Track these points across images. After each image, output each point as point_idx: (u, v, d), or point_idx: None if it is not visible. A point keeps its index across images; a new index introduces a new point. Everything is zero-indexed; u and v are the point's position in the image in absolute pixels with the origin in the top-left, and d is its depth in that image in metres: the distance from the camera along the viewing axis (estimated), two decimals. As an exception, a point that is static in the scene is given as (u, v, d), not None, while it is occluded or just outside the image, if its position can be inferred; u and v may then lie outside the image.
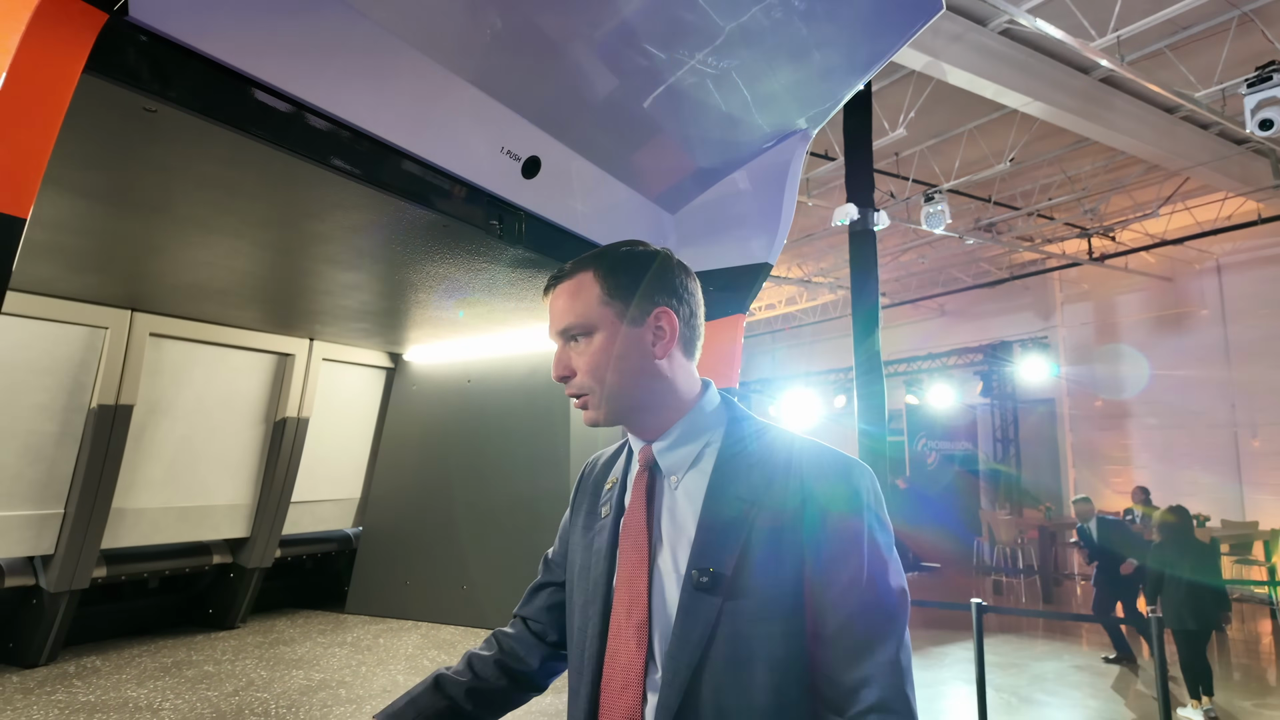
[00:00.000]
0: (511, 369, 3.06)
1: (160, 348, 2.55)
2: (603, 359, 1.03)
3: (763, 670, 0.92)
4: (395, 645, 2.70)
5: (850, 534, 0.94)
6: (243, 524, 2.96)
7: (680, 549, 0.99)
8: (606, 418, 1.05)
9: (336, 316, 2.60)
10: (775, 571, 0.93)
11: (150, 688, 2.18)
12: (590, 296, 1.04)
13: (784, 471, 0.98)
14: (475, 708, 1.15)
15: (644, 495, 1.04)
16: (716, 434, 1.04)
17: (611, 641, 1.00)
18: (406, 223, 1.58)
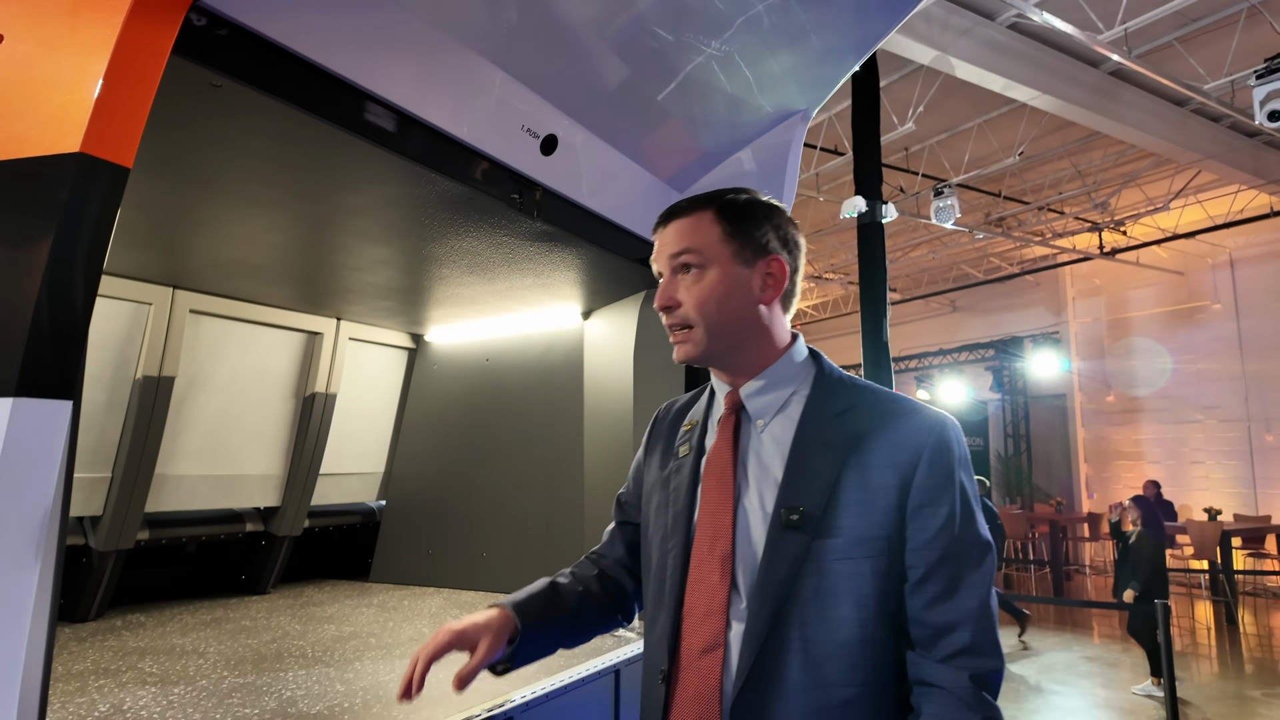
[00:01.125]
0: (528, 347, 3.20)
1: (199, 324, 2.72)
2: (711, 295, 1.06)
3: (848, 605, 0.95)
4: (419, 606, 2.85)
5: (941, 482, 0.98)
6: (274, 493, 3.13)
7: (766, 489, 1.03)
8: (701, 354, 1.09)
9: (364, 295, 2.76)
10: (864, 515, 0.97)
11: (193, 637, 2.34)
12: (710, 232, 1.08)
13: (874, 421, 1.02)
14: (582, 617, 1.22)
15: (730, 436, 1.08)
16: (805, 383, 1.09)
17: (694, 572, 1.03)
18: (435, 195, 1.73)
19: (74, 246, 0.87)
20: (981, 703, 0.92)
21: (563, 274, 2.41)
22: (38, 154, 0.87)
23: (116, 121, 0.88)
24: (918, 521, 0.98)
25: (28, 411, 0.84)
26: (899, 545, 0.97)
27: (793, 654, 0.95)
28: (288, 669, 1.95)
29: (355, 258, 2.25)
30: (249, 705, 1.64)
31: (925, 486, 0.98)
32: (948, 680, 0.93)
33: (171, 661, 2.03)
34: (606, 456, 2.79)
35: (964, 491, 0.99)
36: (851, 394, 1.07)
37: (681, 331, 1.09)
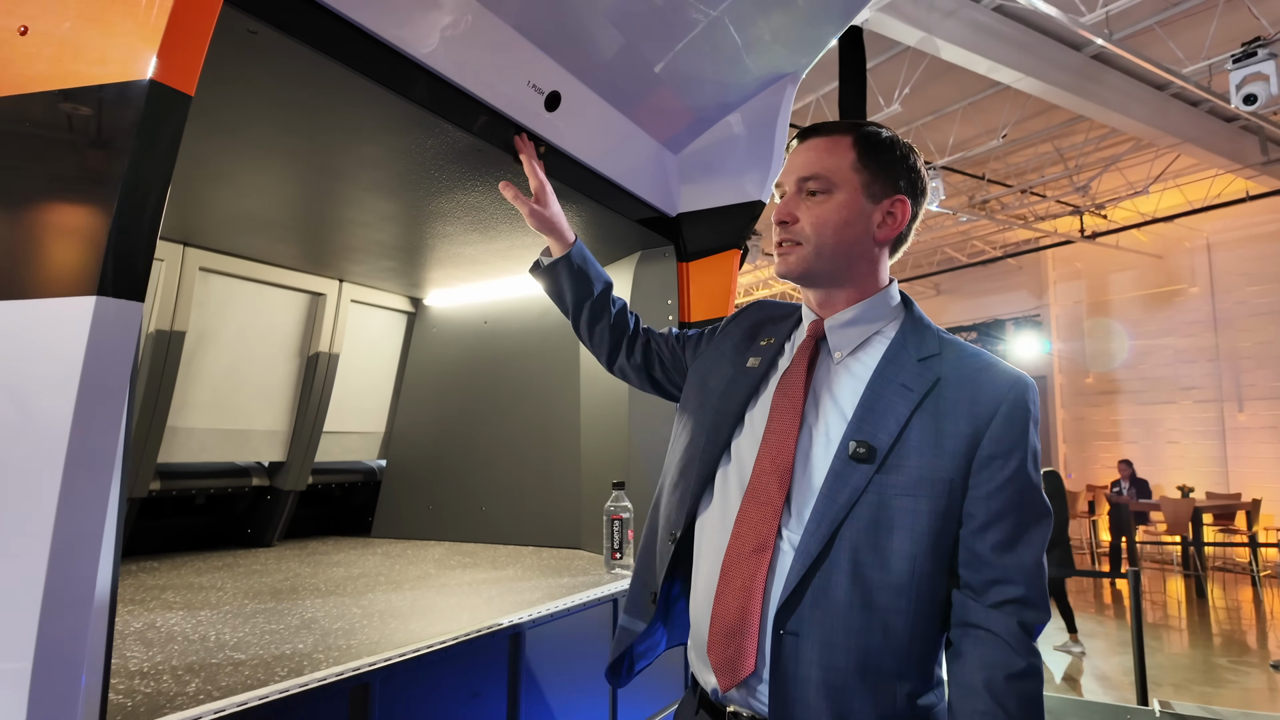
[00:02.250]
0: (526, 310, 3.31)
1: (208, 282, 2.81)
2: (830, 219, 1.09)
3: (902, 539, 0.99)
4: (421, 554, 2.97)
5: (1015, 437, 1.01)
6: (279, 449, 3.23)
7: (833, 420, 1.06)
8: (803, 271, 1.13)
9: (368, 254, 2.85)
10: (932, 457, 1.00)
11: (209, 577, 2.45)
12: (844, 158, 1.11)
13: (956, 371, 1.05)
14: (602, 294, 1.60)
15: (806, 362, 1.12)
16: (892, 325, 1.12)
17: (754, 478, 1.08)
18: (445, 146, 1.83)
19: (146, 164, 0.98)
20: (1029, 649, 0.98)
21: (562, 232, 2.52)
22: (113, 80, 0.97)
23: (181, 53, 0.98)
24: (986, 471, 1.01)
25: (109, 310, 0.95)
26: (960, 491, 1.01)
27: (842, 574, 1.00)
28: (304, 599, 2.07)
29: (364, 212, 2.35)
30: (273, 623, 1.76)
31: (998, 438, 1.01)
32: (998, 625, 0.99)
33: (192, 594, 2.14)
34: (602, 413, 2.91)
35: (1034, 452, 1.03)
36: (937, 342, 1.11)
37: (790, 245, 1.12)
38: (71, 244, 0.97)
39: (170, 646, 1.55)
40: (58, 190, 1.00)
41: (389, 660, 1.43)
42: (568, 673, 1.93)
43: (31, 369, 0.95)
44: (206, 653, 1.50)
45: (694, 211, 2.56)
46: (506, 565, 2.63)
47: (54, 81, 0.99)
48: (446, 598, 2.07)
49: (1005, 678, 0.97)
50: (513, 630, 1.74)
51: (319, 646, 1.54)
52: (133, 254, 0.99)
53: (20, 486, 0.93)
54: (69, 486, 0.91)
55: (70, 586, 0.91)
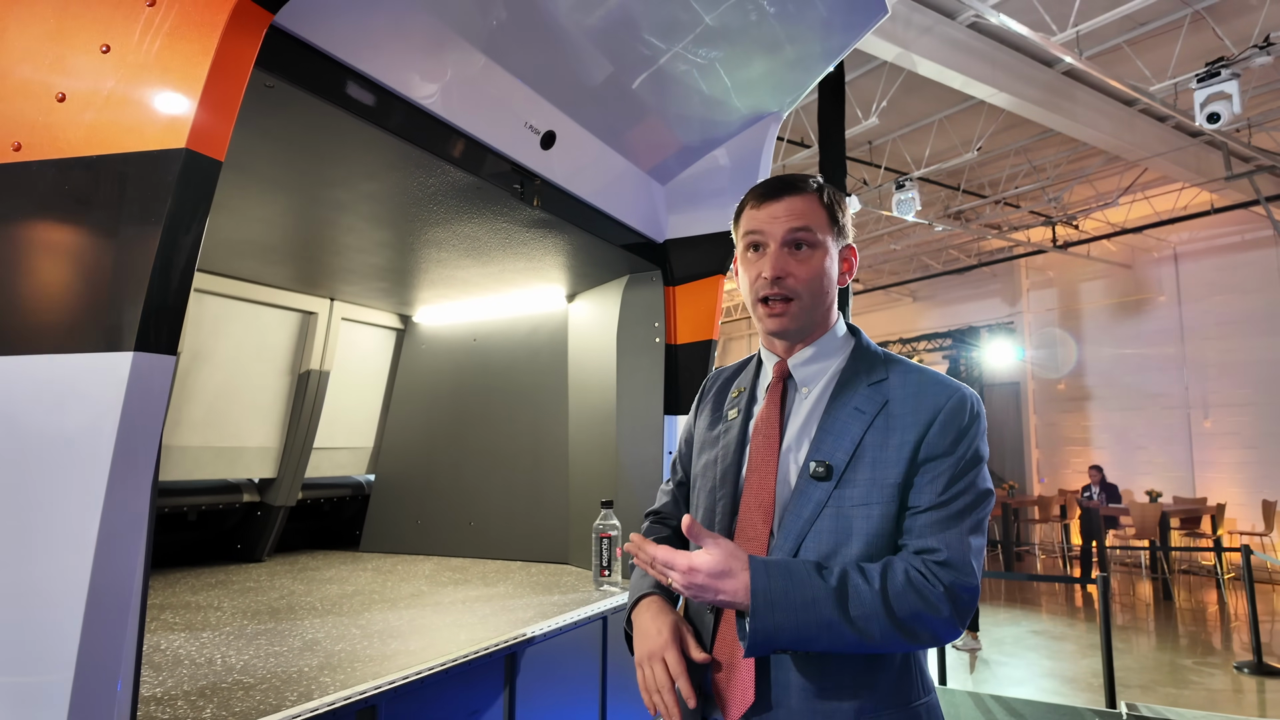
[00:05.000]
0: (515, 328, 3.38)
1: (202, 302, 2.85)
2: (818, 273, 1.19)
3: (859, 544, 1.10)
4: (412, 569, 3.03)
5: (952, 438, 1.11)
6: (270, 465, 3.27)
7: (805, 446, 1.17)
8: (797, 326, 1.21)
9: (361, 275, 2.91)
10: (882, 470, 1.11)
11: (204, 595, 2.49)
12: (820, 216, 1.20)
13: (900, 389, 1.16)
14: None
15: (778, 401, 1.22)
16: (844, 354, 1.23)
17: (741, 519, 1.18)
18: (446, 184, 1.91)
19: (180, 226, 1.04)
20: (936, 591, 1.05)
21: (553, 258, 2.60)
22: (150, 149, 1.04)
23: (214, 122, 1.06)
24: (926, 468, 1.12)
25: (144, 364, 1.02)
26: (905, 491, 1.11)
27: None
28: (303, 619, 2.13)
29: (361, 239, 2.41)
30: (277, 644, 1.82)
31: (936, 441, 1.11)
32: (913, 561, 1.08)
33: (191, 614, 2.19)
34: (590, 429, 2.99)
35: (973, 449, 1.13)
36: (884, 367, 1.21)
37: (782, 304, 1.20)
38: (109, 302, 1.03)
39: (179, 670, 1.60)
40: (95, 252, 1.06)
41: (393, 683, 1.49)
42: (561, 689, 2.00)
43: (74, 420, 1.01)
44: (215, 676, 1.55)
45: (680, 238, 2.65)
46: (497, 582, 2.70)
47: (92, 148, 1.06)
48: (442, 616, 2.13)
49: (892, 582, 1.06)
50: (508, 650, 1.81)
51: (325, 668, 1.60)
52: (168, 310, 1.05)
53: (63, 523, 1.00)
54: (108, 523, 0.98)
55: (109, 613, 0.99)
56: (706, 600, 1.07)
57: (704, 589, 1.05)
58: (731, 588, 1.04)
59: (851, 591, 1.04)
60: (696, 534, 1.09)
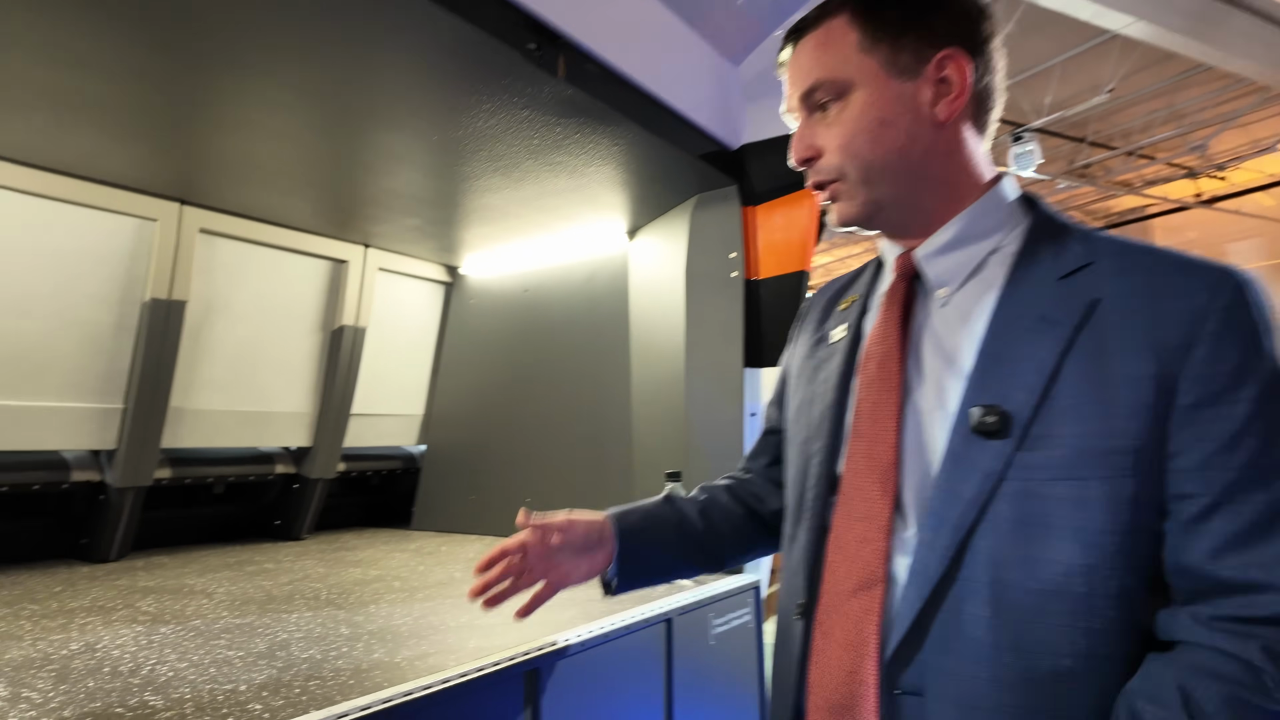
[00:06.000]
0: (569, 275, 2.91)
1: (212, 246, 2.51)
2: (860, 128, 0.80)
3: (1068, 545, 0.67)
4: (457, 552, 2.63)
5: (1236, 366, 0.66)
6: (305, 433, 2.94)
7: (949, 382, 0.77)
8: (863, 211, 0.83)
9: (387, 209, 2.50)
10: (1099, 419, 0.68)
11: (209, 578, 2.15)
12: (845, 45, 0.81)
13: (1120, 284, 0.72)
14: (708, 528, 1.06)
15: (898, 312, 0.82)
16: (1012, 236, 0.80)
17: (845, 486, 0.80)
18: (444, 48, 1.43)
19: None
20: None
21: (599, 170, 2.09)
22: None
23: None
24: (1195, 427, 0.66)
25: None
26: (1157, 463, 0.67)
27: (979, 603, 0.69)
28: (293, 611, 1.73)
29: (374, 151, 1.99)
30: (235, 648, 1.41)
31: (1207, 375, 0.66)
32: (1231, 644, 0.62)
33: (174, 601, 1.83)
34: (655, 389, 2.48)
35: (1272, 384, 0.65)
36: (1084, 247, 0.75)
37: (831, 187, 0.83)
38: None
39: (84, 683, 1.21)
40: None
41: (340, 717, 1.04)
42: (606, 714, 1.52)
43: None
44: (118, 696, 1.15)
45: (762, 141, 2.09)
46: (544, 569, 2.24)
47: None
48: (460, 614, 1.68)
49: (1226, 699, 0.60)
50: (526, 665, 1.34)
51: (264, 690, 1.17)
52: None
53: None
54: None
55: None
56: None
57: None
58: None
59: None
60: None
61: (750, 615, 2.05)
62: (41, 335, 2.17)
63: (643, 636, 1.65)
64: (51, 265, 2.16)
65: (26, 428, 2.19)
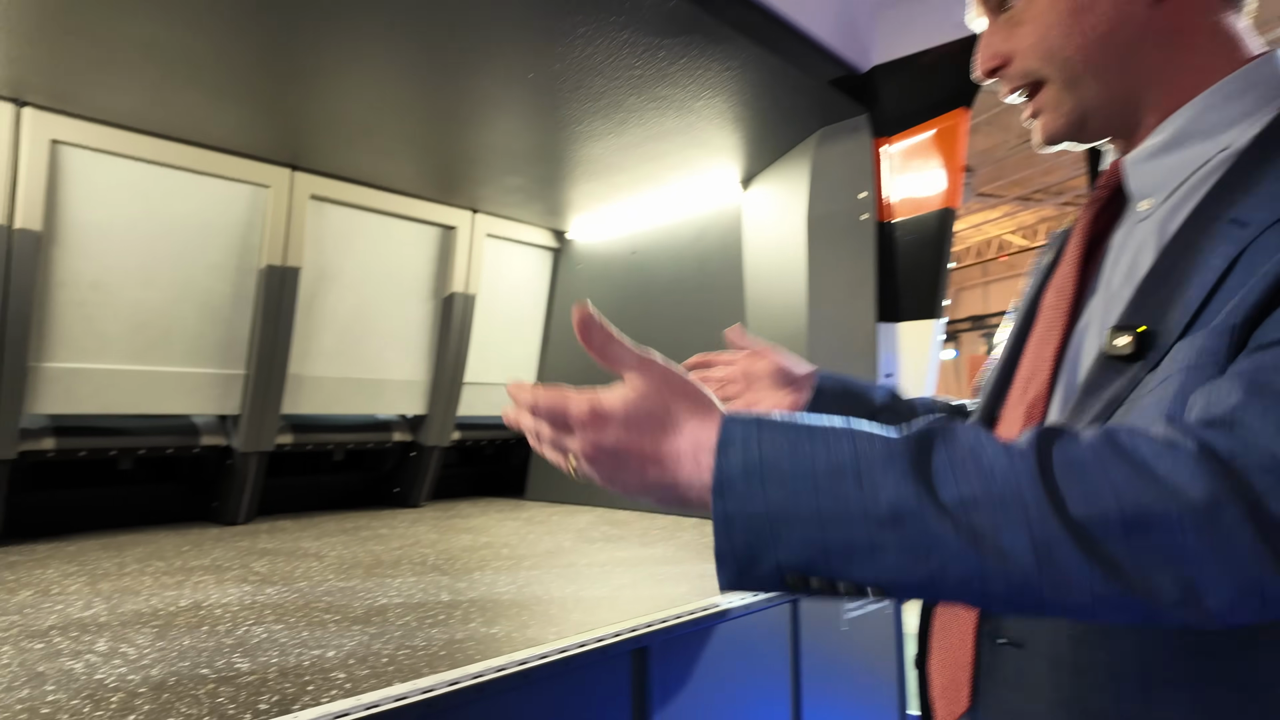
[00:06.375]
0: (678, 233, 2.74)
1: (323, 213, 2.51)
2: (1053, 18, 0.66)
3: None
4: (568, 522, 2.55)
5: None
6: (419, 401, 2.93)
7: (1117, 308, 0.64)
8: (1069, 121, 0.68)
9: (491, 168, 2.42)
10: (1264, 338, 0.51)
11: (323, 542, 2.16)
12: None
13: None
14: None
15: (1084, 231, 0.70)
16: (1252, 124, 0.62)
17: (1001, 420, 0.71)
18: None
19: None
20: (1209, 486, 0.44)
21: (709, 104, 1.88)
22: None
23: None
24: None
25: None
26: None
27: None
28: (397, 576, 1.67)
29: (469, 97, 1.89)
30: (332, 611, 1.35)
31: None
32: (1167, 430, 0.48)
33: (286, 563, 1.82)
34: (775, 350, 2.28)
35: None
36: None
37: (1033, 100, 0.70)
38: None
39: (180, 640, 1.17)
40: None
41: (401, 701, 0.93)
42: (723, 705, 1.35)
43: None
44: (207, 657, 1.09)
45: (897, 60, 1.83)
46: (657, 542, 2.10)
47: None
48: (565, 584, 1.57)
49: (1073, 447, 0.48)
50: (634, 644, 1.19)
51: (351, 658, 1.08)
52: None
53: None
54: None
55: None
56: (636, 488, 0.57)
57: (621, 458, 0.55)
58: (672, 450, 0.54)
59: (947, 448, 0.49)
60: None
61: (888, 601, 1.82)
62: (165, 303, 2.23)
63: (766, 618, 1.47)
64: (172, 235, 2.21)
65: (157, 392, 2.27)
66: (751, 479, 0.49)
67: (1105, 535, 0.44)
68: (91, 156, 2.03)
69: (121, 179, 2.10)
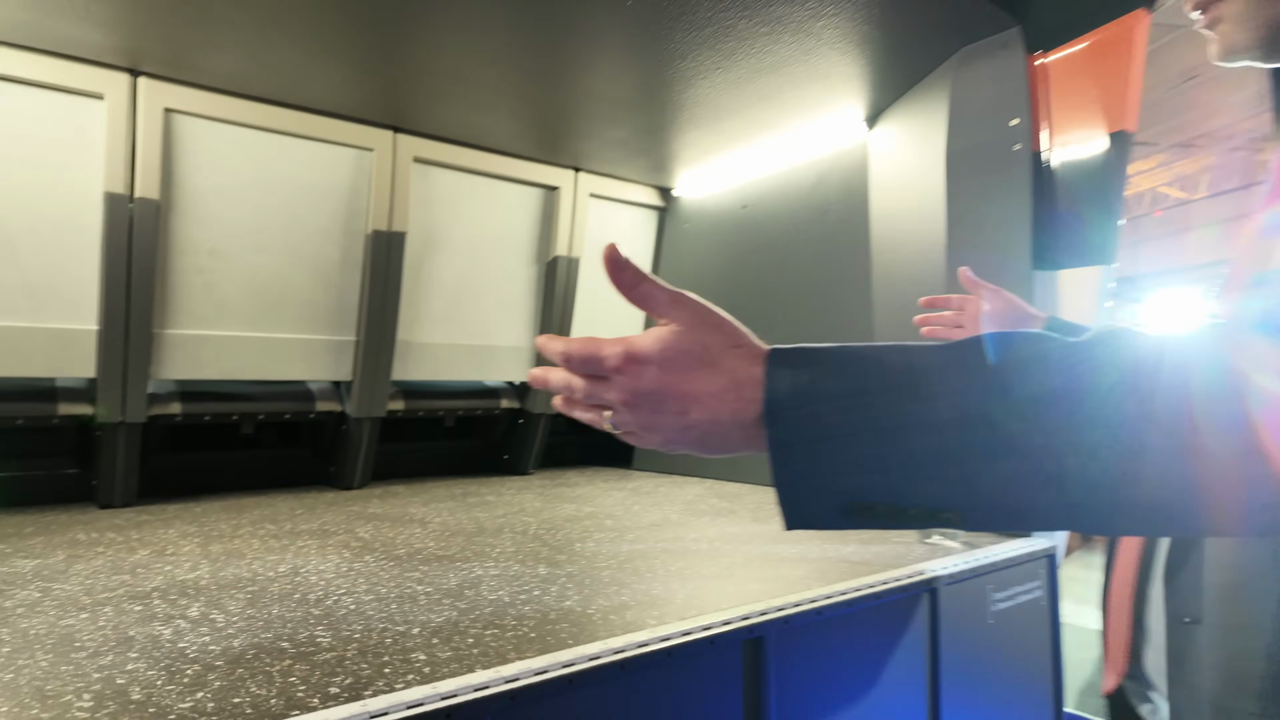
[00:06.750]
0: (793, 182, 2.51)
1: (427, 176, 2.46)
2: None
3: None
4: (675, 493, 2.42)
5: None
6: (525, 367, 2.88)
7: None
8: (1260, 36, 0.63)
9: (593, 119, 2.28)
10: None
11: (431, 508, 2.14)
12: None
13: None
14: None
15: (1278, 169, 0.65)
16: None
17: None
18: None
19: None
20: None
21: (830, 26, 1.65)
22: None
23: None
24: None
25: None
26: None
27: None
28: (497, 545, 1.59)
29: (567, 37, 1.75)
30: (425, 583, 1.28)
31: None
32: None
33: (390, 529, 1.80)
34: (906, 309, 2.03)
35: None
36: None
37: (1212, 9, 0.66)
38: None
39: (270, 609, 1.12)
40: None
41: (481, 692, 0.82)
42: (847, 707, 1.18)
43: None
44: (292, 629, 1.04)
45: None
46: (771, 517, 1.93)
47: None
48: (669, 560, 1.43)
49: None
50: (747, 633, 1.04)
51: (435, 636, 0.99)
52: None
53: None
54: None
55: None
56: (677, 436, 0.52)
57: (660, 401, 0.51)
58: (714, 385, 0.50)
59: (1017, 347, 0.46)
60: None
61: (1043, 589, 1.58)
62: (277, 270, 2.26)
63: (897, 608, 1.28)
64: (281, 200, 2.22)
65: (273, 358, 2.31)
66: (800, 400, 0.47)
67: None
68: (201, 124, 2.06)
69: (230, 146, 2.11)
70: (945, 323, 1.19)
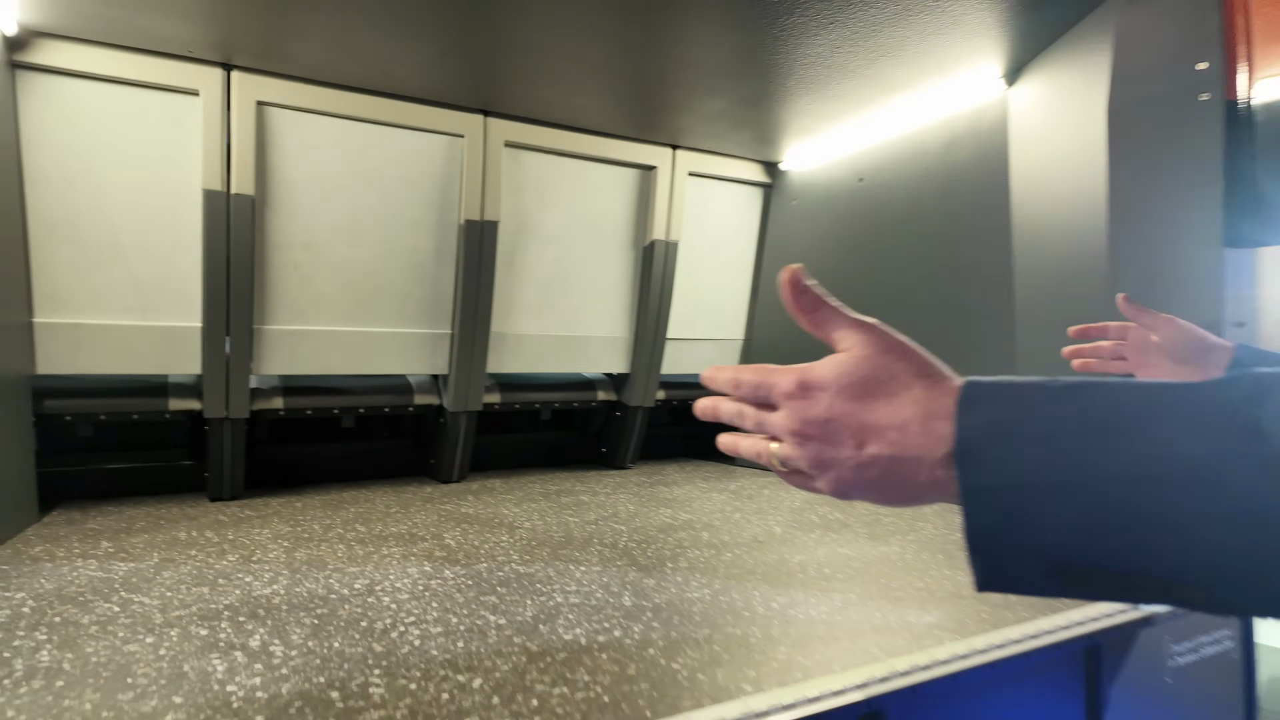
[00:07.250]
0: (917, 149, 2.23)
1: (519, 161, 2.36)
2: None
3: None
4: (780, 498, 2.23)
5: None
6: (621, 359, 2.76)
7: None
8: None
9: (691, 91, 2.10)
10: None
11: (523, 508, 2.05)
12: None
13: None
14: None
15: None
16: None
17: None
18: None
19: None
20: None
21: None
22: None
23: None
24: None
25: None
26: None
27: None
28: (582, 563, 1.47)
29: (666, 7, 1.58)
30: (499, 612, 1.17)
31: None
32: None
33: (477, 534, 1.72)
34: (1057, 293, 1.75)
35: None
36: None
37: None
38: None
39: (331, 641, 1.04)
40: None
41: None
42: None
43: None
44: (348, 671, 0.94)
45: None
46: (890, 535, 1.71)
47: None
48: (771, 594, 1.26)
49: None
50: (863, 709, 0.86)
51: (496, 694, 0.87)
52: None
53: None
54: None
55: None
56: (851, 475, 0.47)
57: (834, 432, 0.47)
58: (896, 418, 0.45)
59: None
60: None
61: (1234, 640, 1.29)
62: (372, 263, 2.22)
63: (1052, 668, 1.06)
64: (373, 192, 2.18)
65: (371, 353, 2.29)
66: (1000, 441, 0.41)
67: None
68: (292, 116, 2.03)
69: (321, 137, 2.08)
70: (1103, 354, 0.99)
